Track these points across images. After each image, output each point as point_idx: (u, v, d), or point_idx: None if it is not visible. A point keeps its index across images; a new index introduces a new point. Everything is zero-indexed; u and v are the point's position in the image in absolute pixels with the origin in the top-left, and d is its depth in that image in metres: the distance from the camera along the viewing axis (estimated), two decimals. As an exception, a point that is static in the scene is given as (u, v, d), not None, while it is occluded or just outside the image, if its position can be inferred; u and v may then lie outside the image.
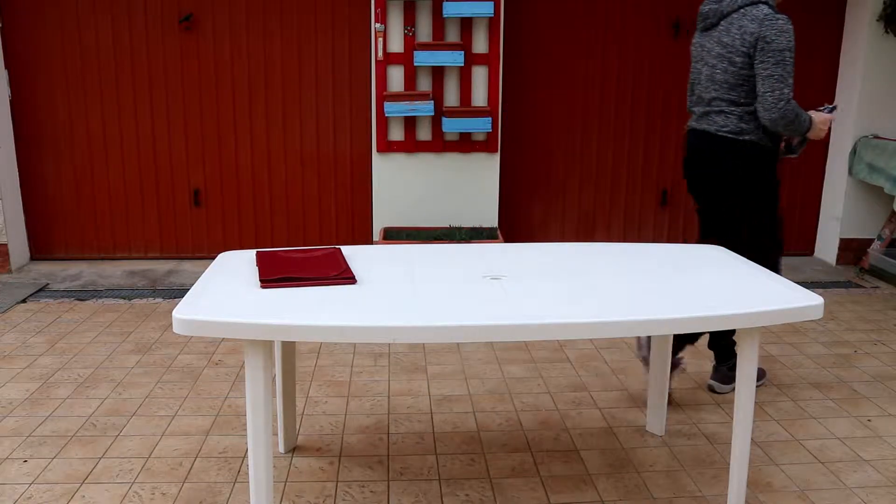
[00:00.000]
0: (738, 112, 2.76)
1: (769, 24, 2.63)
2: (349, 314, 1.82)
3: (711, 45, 2.81)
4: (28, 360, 3.28)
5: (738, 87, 2.75)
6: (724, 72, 2.76)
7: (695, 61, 2.94)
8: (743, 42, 2.67)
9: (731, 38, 2.72)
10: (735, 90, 2.76)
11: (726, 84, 2.77)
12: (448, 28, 4.42)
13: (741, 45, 2.68)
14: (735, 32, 2.70)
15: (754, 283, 2.12)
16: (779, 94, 2.65)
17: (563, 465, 2.48)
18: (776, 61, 2.63)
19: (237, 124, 4.72)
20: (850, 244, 4.89)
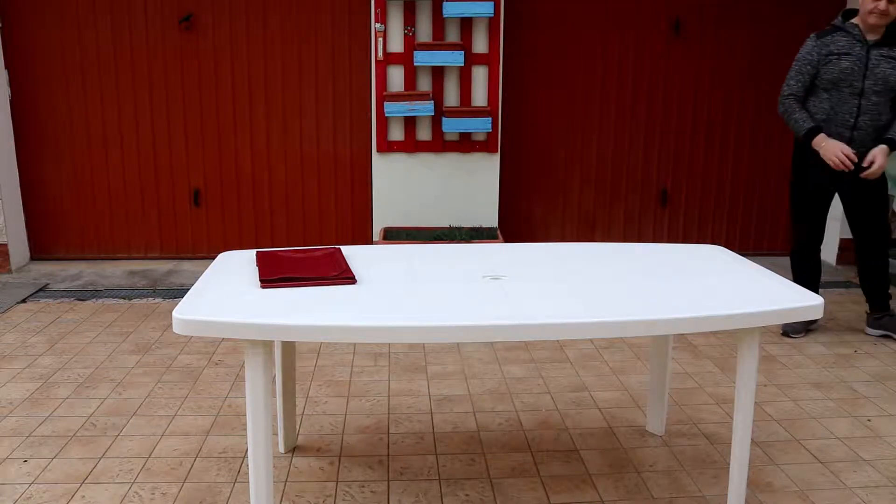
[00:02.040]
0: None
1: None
2: (349, 314, 1.82)
3: None
4: (28, 360, 3.28)
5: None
6: None
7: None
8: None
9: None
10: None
11: None
12: (448, 28, 4.42)
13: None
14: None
15: (754, 283, 2.12)
16: (783, 90, 3.53)
17: (563, 465, 2.48)
18: (793, 65, 3.52)
19: (237, 124, 4.72)
20: (851, 244, 4.87)
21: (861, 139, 3.36)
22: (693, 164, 5.01)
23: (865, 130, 3.36)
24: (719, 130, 4.96)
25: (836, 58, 3.35)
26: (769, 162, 5.03)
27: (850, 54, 3.33)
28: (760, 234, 5.16)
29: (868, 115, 3.34)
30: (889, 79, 3.30)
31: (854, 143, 3.35)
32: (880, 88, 3.31)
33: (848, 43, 3.36)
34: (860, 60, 3.31)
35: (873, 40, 3.33)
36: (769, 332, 3.70)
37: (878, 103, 3.33)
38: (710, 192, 5.06)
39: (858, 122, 3.36)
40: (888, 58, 3.31)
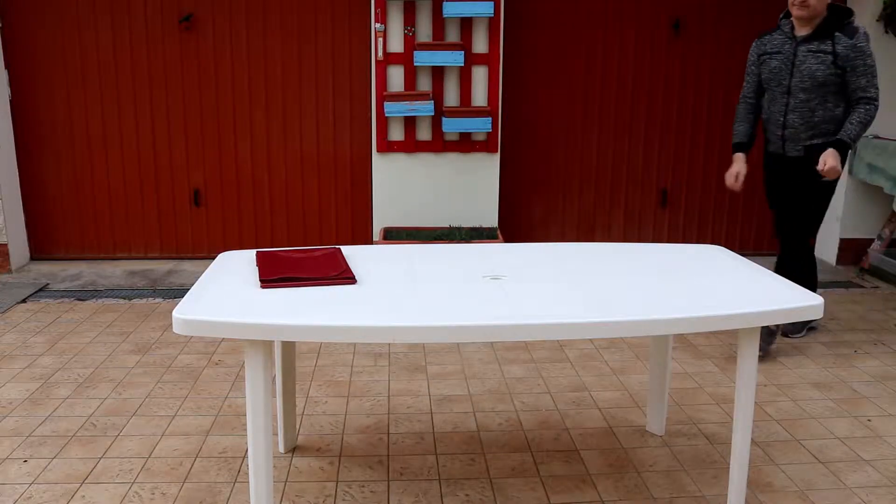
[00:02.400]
0: None
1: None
2: (349, 314, 1.82)
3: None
4: (28, 360, 3.28)
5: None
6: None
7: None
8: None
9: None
10: None
11: None
12: (448, 28, 4.42)
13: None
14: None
15: (754, 283, 2.12)
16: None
17: (563, 465, 2.48)
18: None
19: (237, 124, 4.72)
20: (850, 244, 4.89)
21: (792, 138, 3.30)
22: (693, 164, 5.01)
23: (796, 129, 3.28)
24: (719, 130, 4.96)
25: (768, 57, 3.32)
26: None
27: (780, 52, 3.28)
28: (760, 234, 5.15)
29: (796, 113, 3.26)
30: (815, 74, 3.18)
31: (787, 142, 3.32)
32: (807, 85, 3.20)
33: (780, 41, 3.30)
34: (788, 58, 3.25)
35: (802, 36, 3.23)
36: (769, 332, 3.70)
37: (807, 100, 3.22)
38: (710, 192, 5.06)
39: (787, 121, 3.29)
40: (816, 52, 3.18)
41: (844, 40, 3.13)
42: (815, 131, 3.26)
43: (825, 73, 3.16)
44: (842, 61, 3.14)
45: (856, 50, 3.12)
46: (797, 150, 3.31)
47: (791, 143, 3.32)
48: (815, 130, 3.26)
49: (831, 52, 3.14)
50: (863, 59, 3.13)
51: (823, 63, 3.16)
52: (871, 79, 3.16)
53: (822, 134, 3.25)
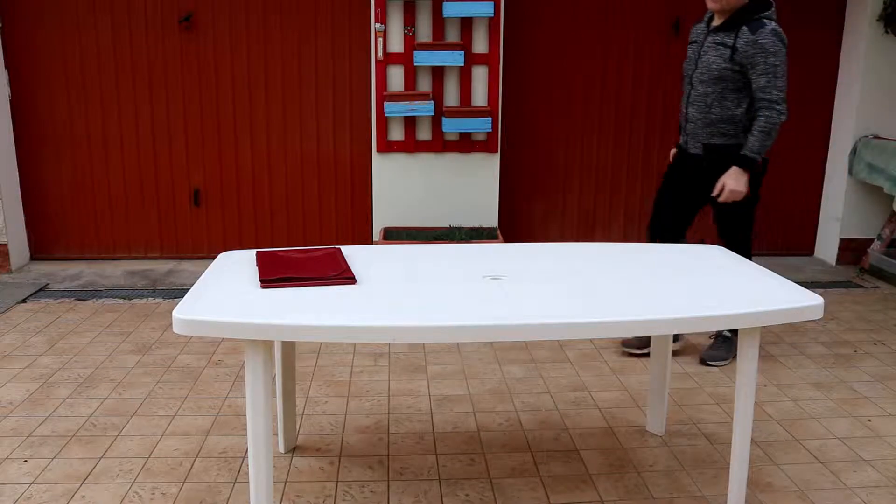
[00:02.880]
0: None
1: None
2: (349, 314, 1.82)
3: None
4: (28, 360, 3.28)
5: None
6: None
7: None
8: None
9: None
10: None
11: None
12: (448, 28, 4.42)
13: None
14: None
15: (754, 283, 2.12)
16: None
17: (563, 465, 2.48)
18: None
19: (237, 124, 4.72)
20: (850, 244, 4.89)
21: (693, 132, 3.15)
22: (693, 164, 5.01)
23: (696, 123, 3.12)
24: (719, 130, 4.96)
25: (689, 46, 3.20)
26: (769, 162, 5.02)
27: (695, 43, 3.15)
28: (760, 234, 5.15)
29: (695, 106, 3.11)
30: (711, 67, 3.01)
31: (689, 136, 3.18)
32: (705, 77, 3.04)
33: (701, 30, 3.15)
34: (698, 48, 3.11)
35: (714, 26, 3.06)
36: (769, 332, 3.70)
37: (705, 94, 3.05)
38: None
39: (689, 114, 3.15)
40: (718, 45, 3.00)
41: (747, 35, 2.92)
42: (712, 129, 3.08)
43: (720, 67, 2.97)
44: (740, 57, 2.93)
45: (756, 46, 2.91)
46: (697, 148, 3.16)
47: (692, 138, 3.16)
48: (712, 128, 3.08)
49: (731, 45, 2.96)
50: (763, 56, 2.91)
51: (721, 56, 2.98)
52: (772, 79, 2.93)
53: (721, 134, 3.07)
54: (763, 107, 2.96)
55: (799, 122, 4.98)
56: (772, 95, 2.94)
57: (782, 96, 2.95)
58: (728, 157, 3.02)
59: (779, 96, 2.95)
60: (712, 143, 3.10)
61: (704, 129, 3.10)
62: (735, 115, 3.04)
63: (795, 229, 5.14)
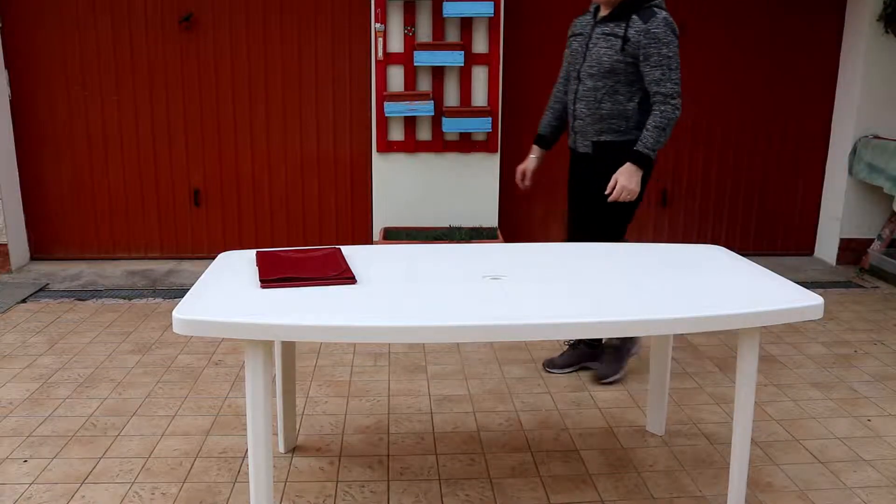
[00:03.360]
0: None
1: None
2: (349, 314, 1.82)
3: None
4: (28, 360, 3.28)
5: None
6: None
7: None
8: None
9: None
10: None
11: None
12: (448, 28, 4.42)
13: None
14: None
15: (754, 283, 2.12)
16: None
17: (563, 465, 2.48)
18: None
19: (237, 124, 4.72)
20: (850, 244, 4.89)
21: (581, 130, 2.95)
22: (693, 164, 5.01)
23: (583, 120, 2.92)
24: (719, 130, 4.96)
25: (573, 39, 3.00)
26: (769, 162, 5.03)
27: (581, 34, 2.95)
28: (760, 234, 5.15)
29: (584, 101, 2.90)
30: (602, 59, 2.81)
31: (577, 135, 2.98)
32: (595, 71, 2.84)
33: (586, 22, 2.96)
34: (585, 40, 2.91)
35: (601, 16, 2.87)
36: (769, 332, 3.70)
37: (595, 88, 2.85)
38: (710, 192, 5.06)
39: (576, 111, 2.95)
40: (608, 35, 2.81)
41: (638, 24, 2.74)
42: (602, 125, 2.89)
43: (612, 60, 2.78)
44: (632, 47, 2.75)
45: (648, 35, 2.72)
46: (586, 146, 2.96)
47: (581, 136, 2.96)
48: (602, 125, 2.89)
49: (622, 35, 2.77)
50: (657, 46, 2.73)
51: (612, 48, 2.79)
52: (666, 72, 2.74)
53: (611, 130, 2.88)
54: (658, 101, 2.77)
55: (799, 122, 4.98)
56: (667, 89, 2.75)
57: (678, 90, 2.76)
58: (620, 155, 2.83)
59: (674, 90, 2.75)
60: (602, 140, 2.90)
61: (594, 125, 2.90)
62: (627, 110, 2.85)
63: (795, 229, 5.15)
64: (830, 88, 4.91)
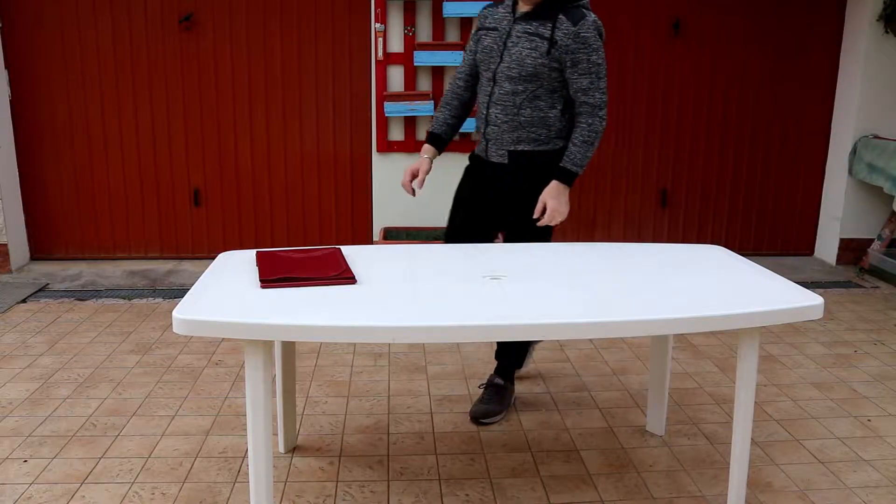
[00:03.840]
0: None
1: None
2: (349, 314, 1.82)
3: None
4: (28, 360, 3.28)
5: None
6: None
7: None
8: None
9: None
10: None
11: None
12: (448, 28, 4.42)
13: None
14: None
15: (754, 283, 2.12)
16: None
17: (563, 465, 2.48)
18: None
19: (237, 124, 4.72)
20: (850, 244, 4.89)
21: (496, 137, 2.63)
22: (693, 164, 5.01)
23: (499, 126, 2.60)
24: (719, 130, 4.96)
25: (484, 33, 2.64)
26: (769, 161, 5.03)
27: (496, 29, 2.60)
28: (760, 234, 5.16)
29: (500, 106, 2.58)
30: (525, 61, 2.50)
31: (490, 142, 2.66)
32: (514, 73, 2.52)
33: (501, 15, 2.62)
34: (501, 37, 2.57)
35: (522, 12, 2.55)
36: (769, 332, 3.70)
37: (514, 93, 2.54)
38: (710, 192, 5.06)
39: (490, 115, 2.61)
40: (532, 35, 2.50)
41: (567, 26, 2.46)
42: (520, 133, 2.59)
43: (536, 63, 2.49)
44: (559, 51, 2.47)
45: (578, 40, 2.46)
46: (500, 156, 2.64)
47: (494, 144, 2.64)
48: (520, 133, 2.58)
49: (549, 37, 2.48)
50: (586, 52, 2.48)
51: (536, 50, 2.49)
52: (595, 80, 2.50)
53: (530, 139, 2.59)
54: (585, 112, 2.53)
55: (799, 122, 4.98)
56: (595, 99, 2.51)
57: (605, 100, 2.54)
58: (540, 166, 2.58)
59: (602, 100, 2.53)
60: (520, 149, 2.61)
61: (511, 133, 2.59)
62: (548, 118, 2.57)
63: (795, 229, 5.15)
64: (830, 88, 4.91)
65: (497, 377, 2.87)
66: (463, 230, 2.78)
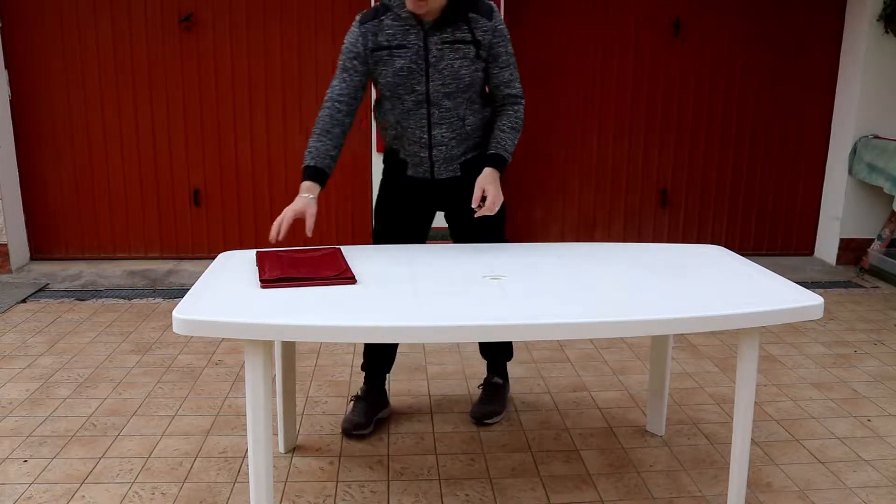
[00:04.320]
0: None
1: None
2: (349, 314, 1.82)
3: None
4: (28, 360, 3.28)
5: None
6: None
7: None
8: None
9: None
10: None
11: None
12: (448, 28, 4.41)
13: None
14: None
15: (754, 283, 2.12)
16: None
17: (563, 465, 2.48)
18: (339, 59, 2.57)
19: (237, 124, 4.72)
20: (850, 244, 4.89)
21: (445, 157, 2.48)
22: (693, 164, 5.01)
23: (447, 145, 2.46)
24: (719, 130, 4.96)
25: (386, 54, 2.38)
26: (769, 161, 5.03)
27: (405, 47, 2.36)
28: (760, 234, 5.16)
29: (444, 126, 2.44)
30: (461, 74, 2.36)
31: (437, 163, 2.50)
32: (452, 89, 2.38)
33: (400, 30, 2.37)
34: (419, 54, 2.35)
35: (431, 22, 2.34)
36: (769, 332, 3.70)
37: (456, 107, 2.42)
38: (710, 192, 5.06)
39: (434, 138, 2.45)
40: (455, 44, 2.34)
41: (483, 22, 2.35)
42: (469, 143, 2.50)
43: (471, 71, 2.37)
44: (485, 51, 2.36)
45: (496, 34, 2.37)
46: (451, 171, 2.52)
47: (444, 164, 2.50)
48: (469, 142, 2.50)
49: (471, 40, 2.35)
50: (504, 45, 2.40)
51: (466, 57, 2.35)
52: (514, 71, 2.45)
53: (477, 145, 2.52)
54: (510, 102, 2.47)
55: (799, 122, 4.98)
56: (517, 90, 2.47)
57: (522, 89, 2.51)
58: (481, 165, 2.45)
59: (520, 90, 2.50)
60: (469, 157, 2.51)
61: (460, 146, 2.49)
62: (486, 118, 2.51)
63: (795, 229, 5.15)
64: (830, 88, 4.92)
65: (494, 376, 2.88)
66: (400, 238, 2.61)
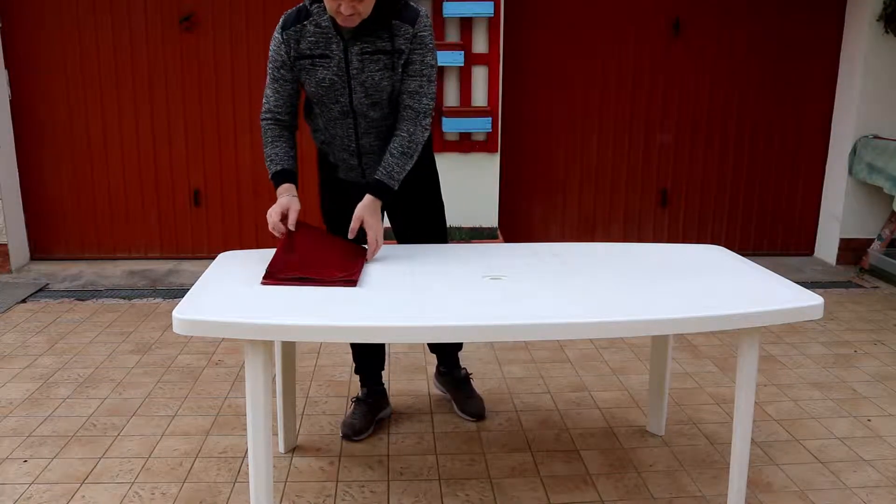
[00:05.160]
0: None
1: None
2: (349, 314, 1.82)
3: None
4: (28, 360, 3.28)
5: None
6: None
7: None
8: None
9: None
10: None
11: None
12: (448, 28, 4.42)
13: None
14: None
15: (754, 283, 2.12)
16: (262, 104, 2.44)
17: (563, 465, 2.48)
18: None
19: (237, 124, 4.71)
20: (850, 244, 4.89)
21: (376, 164, 2.41)
22: (693, 164, 5.01)
23: (375, 153, 2.42)
24: (719, 130, 4.96)
25: (309, 63, 2.30)
26: (769, 161, 5.03)
27: (327, 57, 2.27)
28: (760, 234, 5.16)
29: (373, 134, 2.38)
30: (382, 85, 2.27)
31: (369, 170, 2.45)
32: (376, 99, 2.30)
33: (322, 38, 2.29)
34: (339, 66, 2.26)
35: (351, 31, 2.24)
36: (769, 332, 3.70)
37: (383, 118, 2.35)
38: (710, 192, 5.06)
39: (363, 147, 2.41)
40: (376, 54, 2.24)
41: (404, 29, 2.23)
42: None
43: (393, 81, 2.27)
44: (404, 60, 2.26)
45: (416, 41, 2.24)
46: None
47: (375, 169, 2.40)
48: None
49: (391, 49, 2.24)
50: (421, 53, 2.26)
51: (388, 68, 2.26)
52: (425, 84, 2.29)
53: None
54: (408, 118, 2.30)
55: (799, 122, 4.98)
56: (422, 105, 2.29)
57: (431, 108, 2.32)
58: (418, 165, 2.41)
59: (428, 107, 2.31)
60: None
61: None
62: None
63: (795, 229, 5.15)
64: (830, 88, 4.91)
65: (454, 369, 2.88)
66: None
